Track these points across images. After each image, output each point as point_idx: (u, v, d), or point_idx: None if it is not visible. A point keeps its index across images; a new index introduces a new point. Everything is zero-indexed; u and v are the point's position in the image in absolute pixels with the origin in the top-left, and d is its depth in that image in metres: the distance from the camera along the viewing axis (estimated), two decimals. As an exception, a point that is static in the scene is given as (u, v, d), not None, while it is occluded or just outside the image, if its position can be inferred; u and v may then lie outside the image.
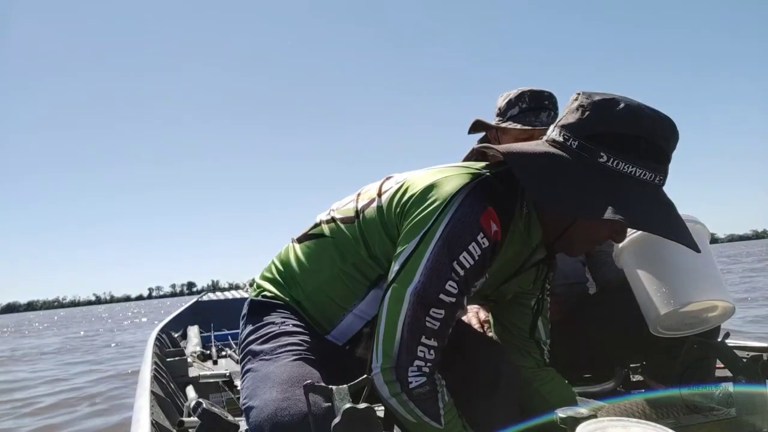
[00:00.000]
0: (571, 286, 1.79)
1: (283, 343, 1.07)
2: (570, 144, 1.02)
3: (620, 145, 0.99)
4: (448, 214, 0.98)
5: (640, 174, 0.99)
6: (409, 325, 0.97)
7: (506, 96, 1.82)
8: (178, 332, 4.23)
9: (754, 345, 1.86)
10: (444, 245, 0.97)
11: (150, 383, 1.73)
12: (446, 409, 0.99)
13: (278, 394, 0.93)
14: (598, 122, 1.01)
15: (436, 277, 0.97)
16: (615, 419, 0.72)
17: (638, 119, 1.00)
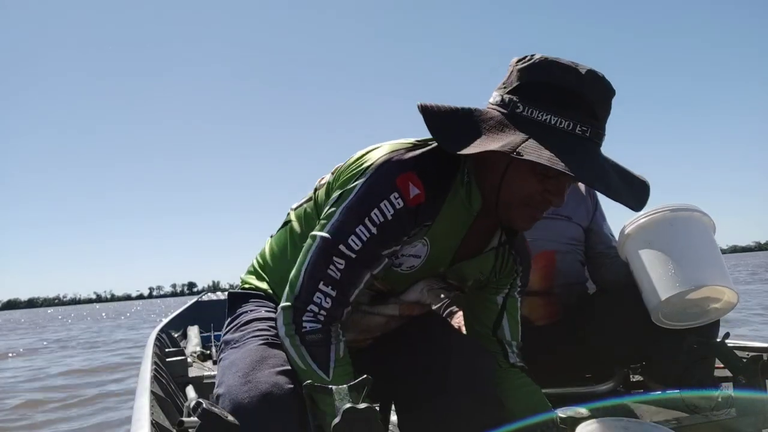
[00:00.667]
0: (570, 287, 1.79)
1: (252, 329, 1.10)
2: (498, 101, 1.04)
3: (535, 93, 1.00)
4: (368, 175, 1.01)
5: (557, 122, 0.97)
6: (310, 270, 1.01)
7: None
8: (178, 332, 4.24)
9: (754, 345, 1.86)
10: (357, 201, 1.01)
11: (150, 383, 1.73)
12: (338, 363, 0.99)
13: (240, 378, 0.95)
14: (518, 77, 1.03)
15: (344, 229, 1.00)
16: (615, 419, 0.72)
17: (554, 70, 1.00)
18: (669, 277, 1.34)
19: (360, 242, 1.00)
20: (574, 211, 1.86)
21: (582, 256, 1.85)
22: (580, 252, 1.85)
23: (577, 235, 1.84)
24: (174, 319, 4.49)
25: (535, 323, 1.75)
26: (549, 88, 0.99)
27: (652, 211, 1.46)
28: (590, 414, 0.74)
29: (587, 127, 0.98)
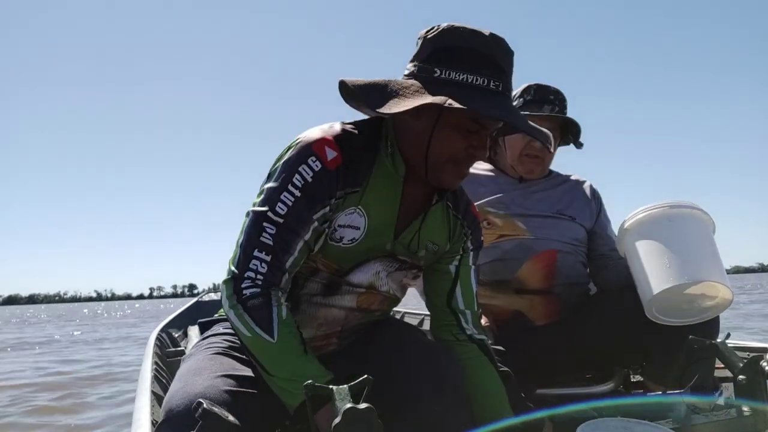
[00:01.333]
0: (571, 287, 1.79)
1: (205, 343, 1.17)
2: (412, 71, 1.10)
3: (448, 57, 1.07)
4: (288, 151, 1.08)
5: (473, 80, 1.05)
6: (246, 240, 1.05)
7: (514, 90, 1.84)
8: (178, 332, 4.24)
9: (755, 345, 1.86)
10: (281, 171, 1.07)
11: (150, 383, 1.73)
12: (281, 324, 1.01)
13: (179, 384, 1.00)
14: (428, 44, 1.10)
15: (271, 197, 1.06)
16: (615, 419, 0.72)
17: (461, 35, 1.08)
18: (664, 271, 1.34)
19: (285, 207, 1.05)
20: (578, 212, 1.86)
21: (584, 257, 1.86)
22: (583, 253, 1.85)
23: (580, 236, 1.84)
24: (174, 319, 4.49)
25: (535, 323, 1.75)
26: (460, 51, 1.07)
27: (652, 207, 1.47)
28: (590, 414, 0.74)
29: (499, 82, 1.07)
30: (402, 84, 1.09)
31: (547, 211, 1.82)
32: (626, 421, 0.71)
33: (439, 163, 1.11)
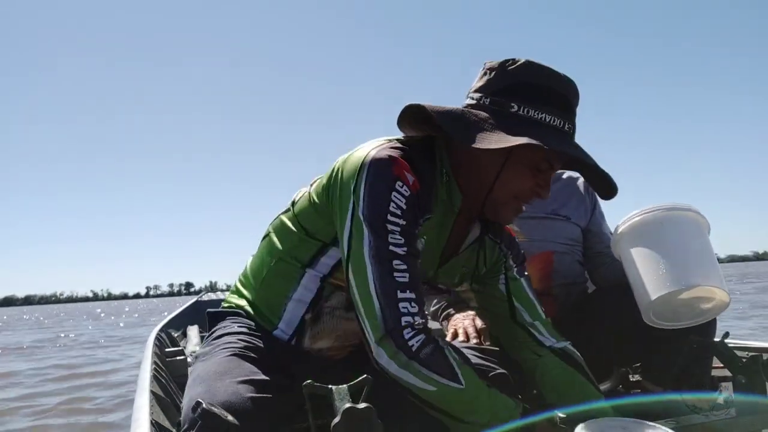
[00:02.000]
0: (569, 287, 1.79)
1: (220, 342, 1.12)
2: (482, 102, 1.08)
3: (527, 94, 1.05)
4: (363, 176, 1.01)
5: (551, 120, 1.04)
6: (381, 288, 0.97)
7: None
8: (178, 331, 4.23)
9: (754, 345, 1.86)
10: (372, 204, 1.00)
11: (149, 383, 1.73)
12: (460, 366, 0.97)
13: (202, 389, 0.96)
14: (504, 78, 1.07)
15: (379, 234, 0.99)
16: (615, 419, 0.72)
17: (540, 72, 1.07)
18: (659, 276, 1.34)
19: (400, 237, 1.00)
20: (573, 211, 1.86)
21: (581, 256, 1.85)
22: (579, 252, 1.85)
23: (575, 236, 1.84)
24: (174, 318, 4.49)
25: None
26: (539, 89, 1.05)
27: (646, 210, 1.46)
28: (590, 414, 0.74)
29: (571, 125, 1.07)
30: (477, 116, 1.06)
31: (542, 212, 1.81)
32: (626, 421, 0.71)
33: (502, 199, 1.10)
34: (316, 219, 1.12)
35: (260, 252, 1.24)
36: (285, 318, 1.16)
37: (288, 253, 1.16)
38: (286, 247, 1.16)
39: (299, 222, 1.15)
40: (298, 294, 1.15)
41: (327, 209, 1.09)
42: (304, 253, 1.14)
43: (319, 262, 1.13)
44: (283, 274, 1.17)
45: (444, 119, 1.05)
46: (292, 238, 1.16)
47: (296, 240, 1.15)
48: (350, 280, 1.01)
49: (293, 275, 1.15)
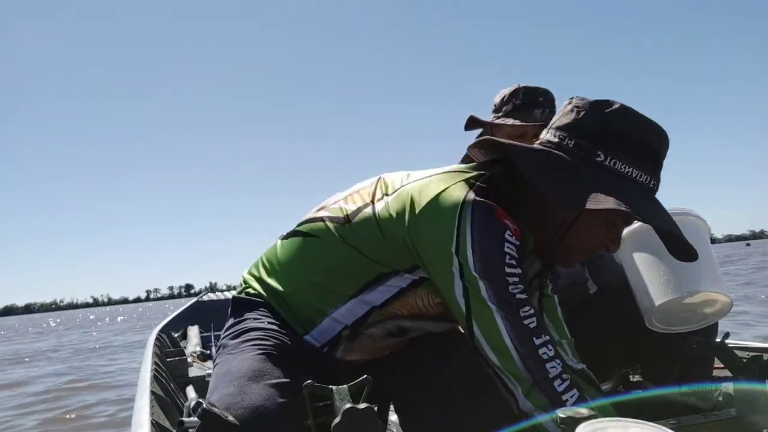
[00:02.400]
0: (570, 287, 1.79)
1: (252, 337, 1.08)
2: (566, 143, 1.03)
3: (617, 145, 1.00)
4: (466, 229, 0.97)
5: (637, 175, 1.00)
6: (517, 338, 0.95)
7: (501, 93, 1.83)
8: (178, 332, 4.23)
9: (754, 345, 1.86)
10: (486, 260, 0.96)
11: (150, 383, 1.73)
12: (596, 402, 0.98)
13: (234, 388, 0.94)
14: (595, 122, 1.01)
15: (501, 286, 0.96)
16: (614, 419, 0.72)
17: (635, 122, 1.01)
18: (661, 283, 1.33)
19: (520, 285, 0.98)
20: None
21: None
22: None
23: None
24: (174, 319, 4.49)
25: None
26: (631, 141, 1.00)
27: None
28: (590, 414, 0.74)
29: (657, 181, 1.03)
30: (559, 159, 1.02)
31: None
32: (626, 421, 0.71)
33: (570, 247, 1.08)
34: (386, 249, 1.07)
35: (298, 250, 1.17)
36: (319, 329, 1.13)
37: (337, 271, 1.10)
38: (337, 263, 1.11)
39: (358, 244, 1.09)
40: (340, 314, 1.11)
41: (402, 244, 1.04)
42: (360, 278, 1.09)
43: (374, 290, 1.09)
44: (326, 291, 1.11)
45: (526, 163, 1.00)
46: (344, 255, 1.10)
47: (351, 260, 1.09)
48: (476, 334, 0.98)
49: (339, 296, 1.11)
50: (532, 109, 1.78)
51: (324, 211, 1.18)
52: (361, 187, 1.18)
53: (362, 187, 1.18)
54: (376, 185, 1.16)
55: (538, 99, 1.79)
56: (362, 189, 1.17)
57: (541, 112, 1.79)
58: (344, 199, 1.17)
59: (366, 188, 1.16)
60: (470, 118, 1.85)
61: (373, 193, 1.13)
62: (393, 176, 1.16)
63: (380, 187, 1.14)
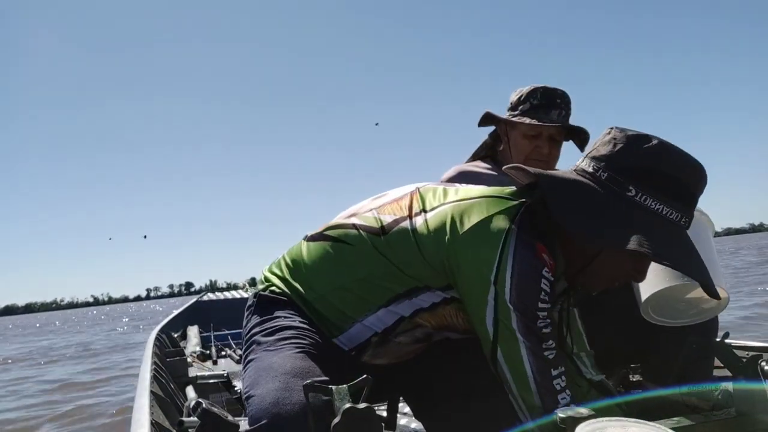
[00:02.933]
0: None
1: (288, 336, 1.09)
2: (600, 175, 1.03)
3: (650, 181, 1.00)
4: (508, 260, 0.99)
5: (667, 213, 1.01)
6: (537, 369, 0.99)
7: (519, 91, 1.83)
8: (177, 332, 4.23)
9: (754, 345, 1.86)
10: (522, 294, 0.99)
11: (150, 383, 1.73)
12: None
13: (280, 383, 0.95)
14: (630, 156, 1.02)
15: (530, 319, 0.99)
16: (614, 419, 0.72)
17: (671, 158, 1.01)
18: (659, 272, 1.34)
19: (548, 319, 1.02)
20: None
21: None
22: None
23: None
24: (174, 319, 4.49)
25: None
26: (666, 179, 1.00)
27: None
28: (590, 414, 0.74)
29: (689, 218, 1.03)
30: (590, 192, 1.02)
31: None
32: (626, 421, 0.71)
33: (596, 275, 1.09)
34: (421, 266, 1.08)
35: (330, 256, 1.16)
36: (348, 334, 1.13)
37: (370, 281, 1.11)
38: (369, 273, 1.11)
39: (394, 257, 1.09)
40: (370, 322, 1.12)
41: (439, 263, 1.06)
42: (391, 290, 1.10)
43: (404, 302, 1.10)
44: (357, 299, 1.12)
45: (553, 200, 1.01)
46: (378, 266, 1.10)
47: (385, 272, 1.10)
48: (499, 359, 1.02)
49: (369, 305, 1.11)
50: (550, 110, 1.77)
51: (356, 219, 1.17)
52: (396, 196, 1.18)
53: (397, 196, 1.18)
54: (413, 198, 1.15)
55: (556, 100, 1.79)
56: (397, 199, 1.16)
57: (558, 114, 1.78)
58: (378, 208, 1.16)
59: (401, 199, 1.16)
60: (486, 114, 1.86)
61: (410, 206, 1.13)
62: (429, 190, 1.16)
63: (417, 200, 1.14)
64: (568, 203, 1.02)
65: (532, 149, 1.79)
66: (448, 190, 1.14)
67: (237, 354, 3.18)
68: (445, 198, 1.12)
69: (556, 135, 1.80)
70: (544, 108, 1.78)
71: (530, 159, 1.81)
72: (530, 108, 1.79)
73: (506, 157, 1.89)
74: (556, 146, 1.82)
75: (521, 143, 1.81)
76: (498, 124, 1.89)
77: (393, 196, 1.19)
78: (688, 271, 1.01)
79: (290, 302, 1.16)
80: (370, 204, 1.20)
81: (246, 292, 5.76)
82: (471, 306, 1.04)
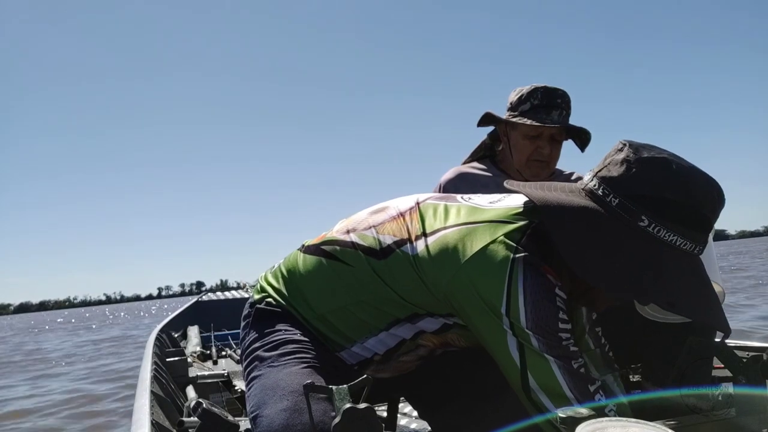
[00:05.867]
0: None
1: (291, 350, 1.06)
2: (610, 201, 0.97)
3: (665, 210, 0.94)
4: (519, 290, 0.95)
5: (681, 244, 0.95)
6: (575, 387, 0.95)
7: (519, 91, 1.82)
8: (178, 332, 4.23)
9: (754, 345, 1.86)
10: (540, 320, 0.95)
11: (150, 383, 1.73)
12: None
13: (288, 403, 0.93)
14: (644, 182, 0.96)
15: (554, 341, 0.96)
16: (614, 419, 0.72)
17: (689, 186, 0.95)
18: None
19: (572, 338, 0.99)
20: None
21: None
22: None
23: None
24: (174, 319, 4.49)
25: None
26: (681, 209, 0.95)
27: None
28: (590, 414, 0.74)
29: (704, 246, 0.99)
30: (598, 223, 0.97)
31: None
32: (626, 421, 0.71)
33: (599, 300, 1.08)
34: (423, 294, 1.04)
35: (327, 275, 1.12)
36: (349, 352, 1.12)
37: (370, 304, 1.08)
38: (369, 298, 1.08)
39: (394, 284, 1.06)
40: (371, 344, 1.10)
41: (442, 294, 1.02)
42: (392, 315, 1.08)
43: (406, 325, 1.08)
44: (357, 321, 1.09)
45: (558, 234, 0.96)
46: (378, 291, 1.07)
47: (386, 298, 1.07)
48: (532, 386, 0.96)
49: (370, 329, 1.09)
50: (551, 110, 1.76)
51: (354, 235, 1.13)
52: (395, 212, 1.14)
53: (396, 212, 1.14)
54: (412, 216, 1.11)
55: (557, 100, 1.77)
56: (396, 217, 1.12)
57: (558, 114, 1.77)
58: (377, 226, 1.12)
59: (401, 217, 1.12)
60: (485, 114, 1.85)
61: (409, 227, 1.09)
62: (430, 207, 1.12)
63: (416, 220, 1.10)
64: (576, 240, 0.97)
65: (533, 150, 1.79)
66: (450, 209, 1.10)
67: (237, 354, 3.18)
68: (446, 219, 1.07)
69: (557, 135, 1.80)
70: (545, 108, 1.76)
71: (531, 160, 1.80)
72: (531, 108, 1.77)
73: (505, 157, 1.89)
74: (556, 146, 1.81)
75: (522, 144, 1.80)
76: (498, 124, 1.88)
77: (392, 212, 1.15)
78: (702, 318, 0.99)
79: (289, 315, 1.13)
80: (369, 219, 1.15)
81: (246, 292, 5.77)
82: (489, 340, 1.00)
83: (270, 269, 1.24)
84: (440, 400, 1.26)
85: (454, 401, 1.24)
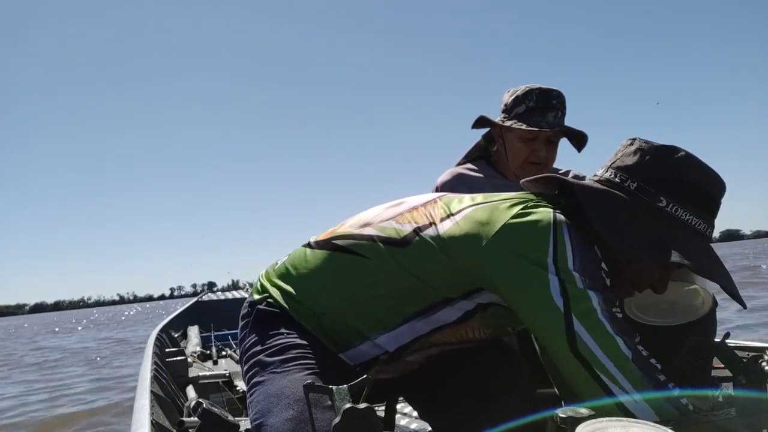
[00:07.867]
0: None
1: (294, 356, 1.03)
2: (628, 185, 1.03)
3: (681, 192, 1.01)
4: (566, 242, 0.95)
5: (696, 224, 1.01)
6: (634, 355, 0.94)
7: (513, 92, 1.79)
8: (178, 332, 4.24)
9: (755, 345, 1.86)
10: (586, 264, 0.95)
11: (150, 383, 1.73)
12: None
13: (294, 413, 0.92)
14: (660, 166, 1.02)
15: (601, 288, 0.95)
16: (614, 419, 0.72)
17: (699, 170, 1.03)
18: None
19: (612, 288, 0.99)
20: None
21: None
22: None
23: None
24: (174, 319, 4.49)
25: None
26: (696, 192, 1.02)
27: None
28: (590, 414, 0.74)
29: (712, 229, 1.05)
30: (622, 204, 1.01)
31: None
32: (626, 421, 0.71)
33: (622, 284, 1.07)
34: (447, 271, 1.02)
35: (342, 269, 1.10)
36: (355, 351, 1.09)
37: (388, 297, 1.05)
38: (388, 290, 1.05)
39: (416, 268, 1.04)
40: (382, 340, 1.07)
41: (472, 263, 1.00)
42: (410, 307, 1.05)
43: (421, 321, 1.06)
44: (372, 316, 1.07)
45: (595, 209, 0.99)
46: (398, 281, 1.05)
47: (405, 287, 1.05)
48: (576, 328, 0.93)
49: (385, 323, 1.06)
50: (546, 113, 1.74)
51: (371, 229, 1.10)
52: (415, 204, 1.13)
53: (416, 205, 1.13)
54: (435, 204, 1.11)
55: (552, 102, 1.75)
56: (418, 208, 1.11)
57: (554, 116, 1.75)
58: (396, 218, 1.10)
59: (423, 208, 1.11)
60: (480, 117, 1.83)
61: (432, 213, 1.08)
62: (454, 197, 1.12)
63: (440, 206, 1.09)
64: (606, 215, 1.00)
65: (529, 153, 1.77)
66: (475, 196, 1.10)
67: (237, 354, 3.18)
68: (473, 201, 1.08)
69: (553, 137, 1.78)
70: (540, 111, 1.74)
71: (527, 162, 1.79)
72: (526, 111, 1.74)
73: (501, 158, 1.88)
74: (552, 148, 1.80)
75: (518, 147, 1.78)
76: (493, 127, 1.86)
77: (411, 203, 1.13)
78: (727, 284, 1.00)
79: (290, 317, 1.09)
80: (385, 213, 1.13)
81: (246, 292, 5.76)
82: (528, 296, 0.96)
83: (271, 267, 1.21)
84: (441, 401, 1.26)
85: (455, 402, 1.24)
